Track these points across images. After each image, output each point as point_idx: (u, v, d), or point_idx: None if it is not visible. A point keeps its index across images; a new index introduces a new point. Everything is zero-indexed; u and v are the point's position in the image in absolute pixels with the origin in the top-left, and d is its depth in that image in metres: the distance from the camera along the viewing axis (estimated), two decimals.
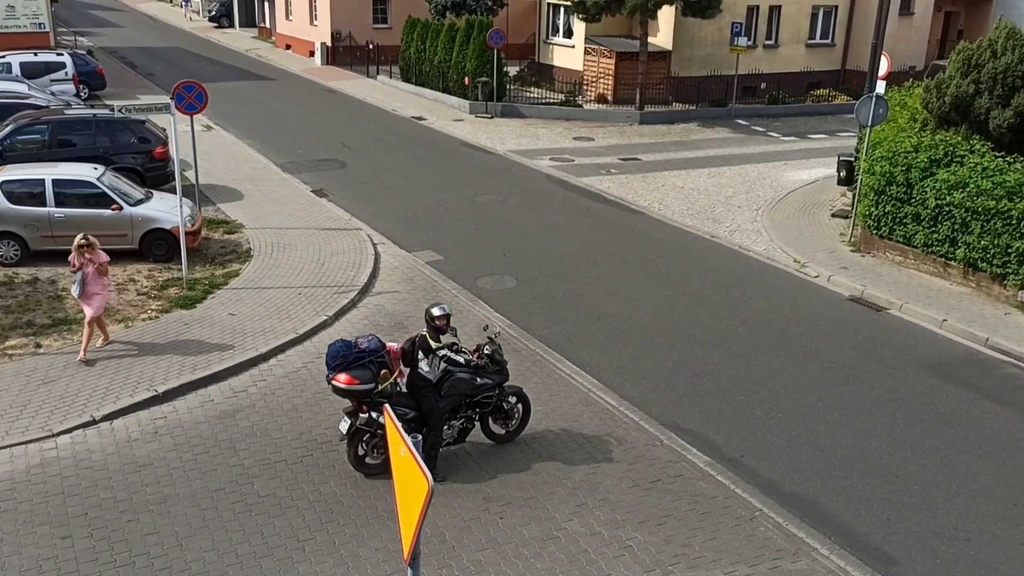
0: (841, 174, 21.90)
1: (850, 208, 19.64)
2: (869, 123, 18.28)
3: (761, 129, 30.58)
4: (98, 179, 16.02)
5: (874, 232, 17.98)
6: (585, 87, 32.97)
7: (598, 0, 28.79)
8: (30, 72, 27.16)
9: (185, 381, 12.07)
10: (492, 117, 30.72)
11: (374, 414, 9.81)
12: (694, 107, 32.04)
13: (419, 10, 36.72)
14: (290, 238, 17.88)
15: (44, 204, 15.59)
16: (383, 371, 9.89)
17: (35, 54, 28.59)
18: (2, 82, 24.79)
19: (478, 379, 10.34)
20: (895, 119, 19.66)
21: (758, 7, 33.68)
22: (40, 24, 31.78)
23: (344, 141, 26.73)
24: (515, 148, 26.57)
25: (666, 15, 31.07)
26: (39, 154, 18.38)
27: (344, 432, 10.00)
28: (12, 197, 15.53)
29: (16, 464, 10.20)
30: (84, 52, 34.05)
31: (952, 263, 16.53)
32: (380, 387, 9.81)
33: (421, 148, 26.44)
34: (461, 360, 10.20)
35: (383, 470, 9.99)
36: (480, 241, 18.62)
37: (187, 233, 15.50)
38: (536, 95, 32.96)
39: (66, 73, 28.20)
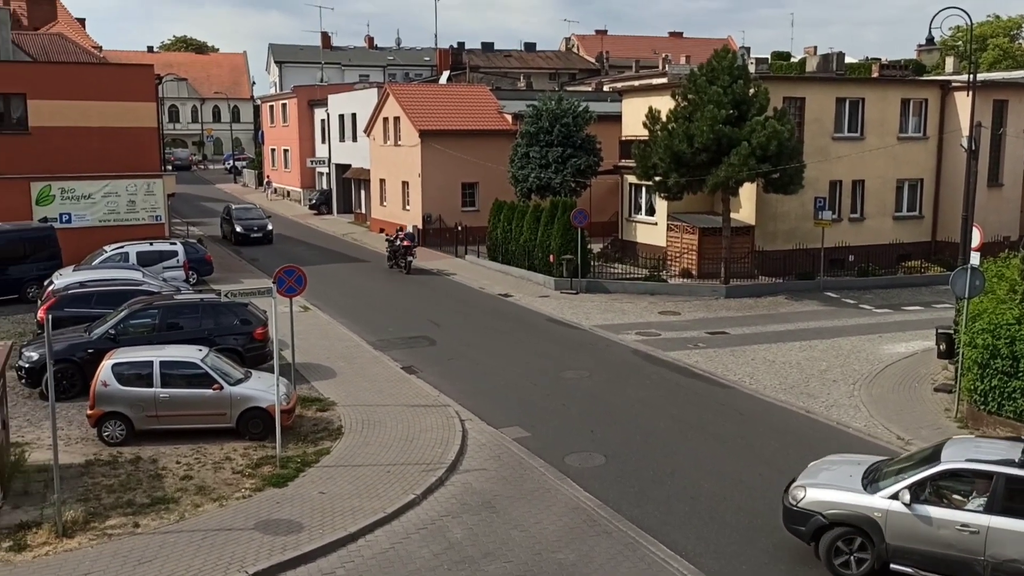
0: (941, 347, 21.22)
1: (953, 382, 18.91)
2: (966, 295, 17.90)
3: (852, 301, 30.18)
4: (202, 360, 16.73)
5: (981, 407, 17.18)
6: (669, 262, 33.43)
7: (679, 180, 29.65)
8: (145, 260, 29.08)
9: (275, 562, 12.03)
10: (577, 293, 31.22)
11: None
12: (781, 280, 31.98)
13: (505, 193, 38.39)
14: (380, 415, 18.11)
15: (151, 385, 16.30)
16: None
17: (151, 243, 30.70)
18: (119, 270, 26.59)
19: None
20: (993, 290, 19.19)
21: (840, 182, 34.08)
22: (157, 216, 34.32)
23: (433, 319, 27.43)
24: (601, 323, 26.78)
25: (748, 191, 31.70)
26: (149, 337, 19.40)
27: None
28: (122, 379, 16.30)
29: None
30: (195, 240, 36.42)
31: None
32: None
33: (508, 324, 26.90)
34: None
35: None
36: (567, 417, 18.49)
37: (282, 411, 15.88)
38: (620, 271, 33.51)
39: (177, 261, 30.09)
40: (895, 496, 11.63)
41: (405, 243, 34.90)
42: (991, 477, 11.40)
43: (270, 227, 43.89)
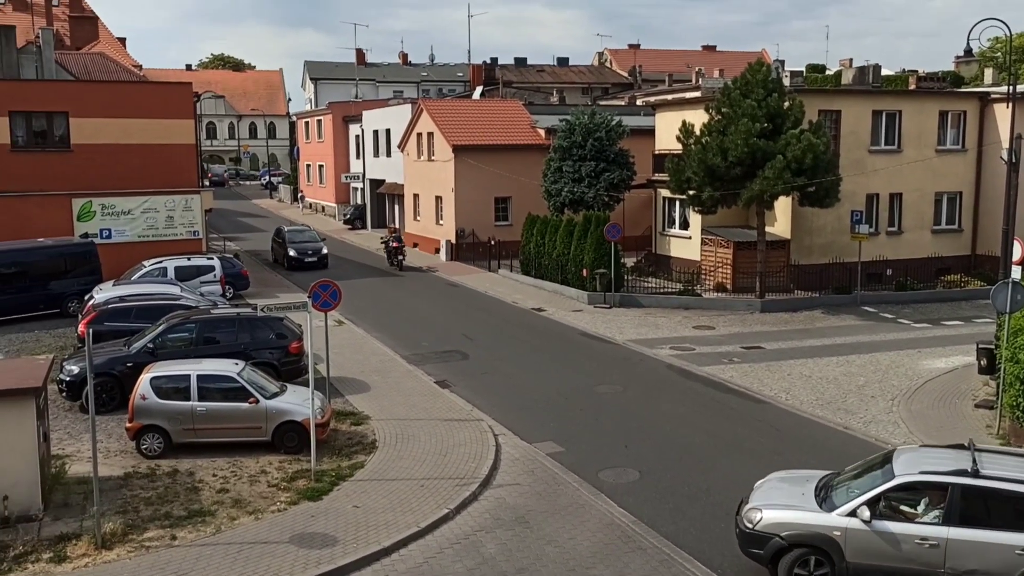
0: (982, 362, 20.88)
1: (995, 398, 18.56)
2: (1007, 310, 17.58)
3: (890, 316, 29.75)
4: (238, 374, 16.90)
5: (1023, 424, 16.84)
6: (703, 276, 33.20)
7: (713, 194, 29.49)
8: (183, 275, 29.46)
9: None
10: (611, 307, 31.12)
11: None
12: (817, 295, 31.63)
13: (538, 207, 38.43)
14: (414, 429, 18.15)
15: (188, 398, 16.49)
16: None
17: (188, 258, 31.10)
18: (158, 285, 26.97)
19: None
20: None
21: (878, 195, 33.68)
22: (194, 232, 34.79)
23: (467, 333, 27.47)
24: (634, 337, 26.65)
25: (783, 205, 31.42)
26: (187, 351, 19.63)
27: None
28: (160, 392, 16.52)
29: None
30: (231, 255, 36.84)
31: None
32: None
33: (541, 339, 26.86)
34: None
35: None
36: (601, 432, 18.40)
37: (317, 425, 15.98)
38: (654, 285, 33.35)
39: (215, 275, 30.44)
40: (853, 513, 11.51)
41: (394, 244, 40.89)
42: (946, 488, 11.34)
43: (325, 251, 40.95)
